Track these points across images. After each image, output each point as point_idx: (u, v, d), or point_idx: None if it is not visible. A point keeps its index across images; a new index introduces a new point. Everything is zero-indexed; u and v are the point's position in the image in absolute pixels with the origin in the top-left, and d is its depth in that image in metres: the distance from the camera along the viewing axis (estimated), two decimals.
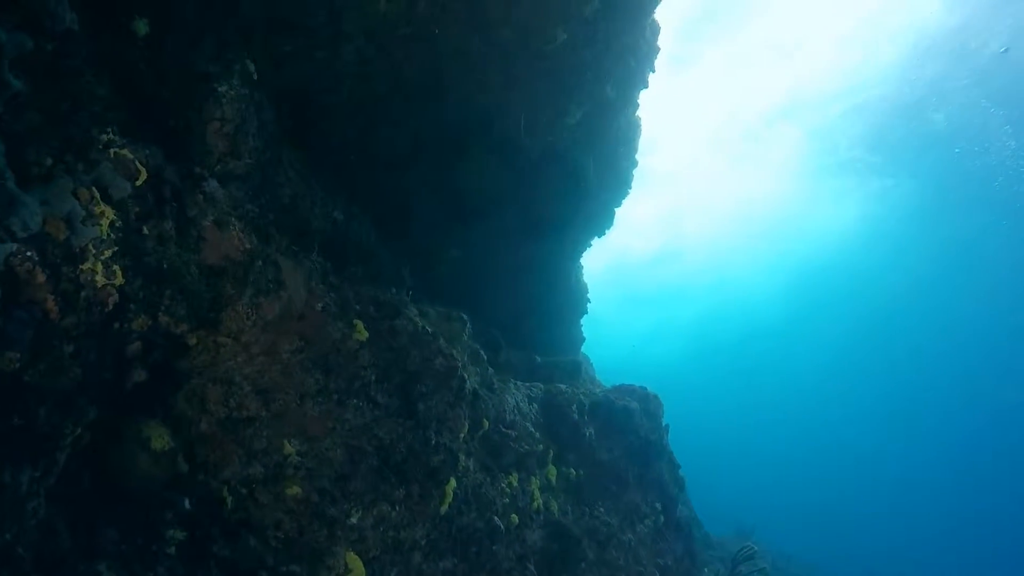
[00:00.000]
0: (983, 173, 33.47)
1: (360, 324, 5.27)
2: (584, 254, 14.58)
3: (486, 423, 6.90)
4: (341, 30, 6.39)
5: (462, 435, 6.16)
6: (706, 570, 16.92)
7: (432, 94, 7.75)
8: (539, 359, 11.63)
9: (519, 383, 8.79)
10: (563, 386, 9.54)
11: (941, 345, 54.24)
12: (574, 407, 9.20)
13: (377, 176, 7.95)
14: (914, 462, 67.35)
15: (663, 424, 11.53)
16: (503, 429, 7.45)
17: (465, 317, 6.67)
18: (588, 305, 17.02)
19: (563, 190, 10.97)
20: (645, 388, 11.55)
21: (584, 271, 16.15)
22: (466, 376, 6.22)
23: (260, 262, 4.32)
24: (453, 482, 5.91)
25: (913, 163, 34.79)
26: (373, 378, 5.36)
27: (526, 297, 12.69)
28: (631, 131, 11.47)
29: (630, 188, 12.91)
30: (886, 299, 51.16)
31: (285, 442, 4.85)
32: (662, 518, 11.12)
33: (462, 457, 6.26)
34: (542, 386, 9.16)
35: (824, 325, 57.51)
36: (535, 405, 8.70)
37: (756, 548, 13.32)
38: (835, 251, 46.55)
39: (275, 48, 6.19)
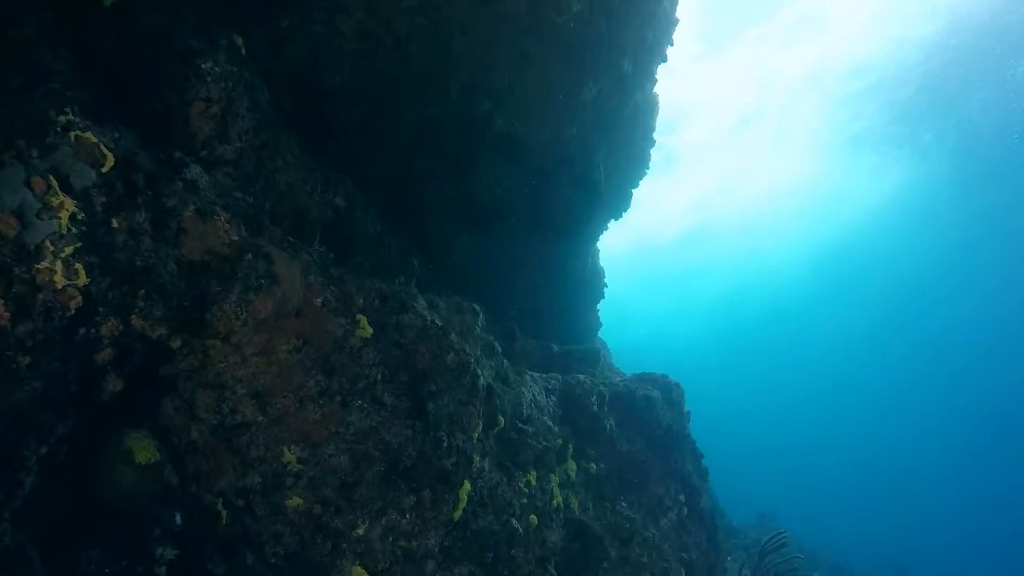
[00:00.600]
0: (1013, 149, 32.38)
1: (364, 319, 4.88)
2: (602, 236, 14.11)
3: (502, 420, 6.52)
4: (340, 1, 5.96)
5: (476, 434, 5.79)
6: (729, 559, 16.59)
7: (438, 73, 7.30)
8: (556, 348, 11.23)
9: (536, 375, 8.39)
10: (581, 376, 9.13)
11: (971, 325, 52.78)
12: (593, 398, 8.80)
13: (383, 162, 7.54)
14: (943, 447, 65.74)
15: (685, 412, 11.10)
16: (520, 425, 7.07)
17: (477, 308, 6.27)
18: (605, 290, 16.61)
19: (577, 197, 10.55)
20: (666, 376, 11.12)
21: (606, 253, 15.69)
22: (479, 372, 5.83)
23: (250, 255, 3.93)
24: (467, 485, 5.54)
25: (943, 139, 33.70)
26: (379, 377, 4.98)
27: (541, 285, 12.28)
28: (648, 108, 10.94)
29: (647, 168, 12.40)
30: (913, 278, 49.96)
31: (284, 449, 4.50)
32: (685, 510, 10.74)
33: (476, 458, 5.89)
34: (560, 377, 8.76)
35: (850, 304, 56.29)
36: (553, 397, 8.31)
37: (787, 536, 12.91)
38: (863, 229, 45.47)
39: (269, 23, 5.78)
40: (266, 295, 4.07)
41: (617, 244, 42.02)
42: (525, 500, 6.59)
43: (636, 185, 12.55)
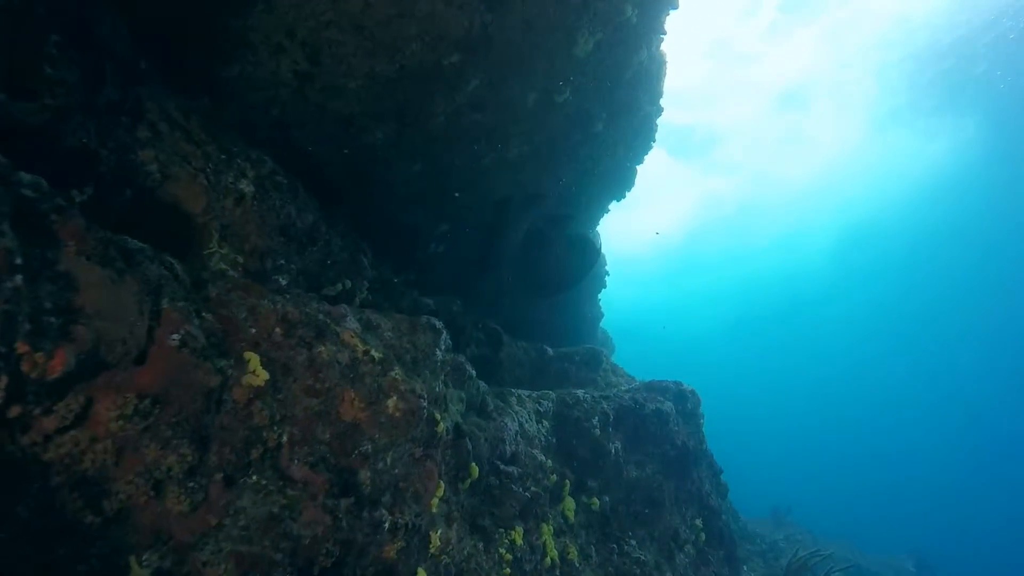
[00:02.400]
0: None
1: (255, 359, 3.33)
2: (603, 219, 12.53)
3: (476, 469, 5.00)
4: None
5: (437, 499, 4.27)
6: (745, 568, 15.21)
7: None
8: (550, 351, 9.70)
9: (524, 394, 6.86)
10: (580, 393, 7.60)
11: (998, 319, 50.59)
12: (595, 420, 7.27)
13: (315, 114, 5.95)
14: (968, 442, 63.59)
15: (701, 424, 9.60)
16: (502, 467, 5.55)
17: (438, 324, 4.71)
18: (607, 278, 15.07)
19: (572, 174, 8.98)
20: (680, 383, 9.59)
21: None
22: (438, 415, 4.30)
23: (20, 279, 2.37)
24: (422, 574, 4.03)
25: (985, 114, 31.63)
26: (284, 439, 3.45)
27: (533, 277, 10.72)
28: (655, 68, 9.28)
29: (654, 141, 10.77)
30: (940, 266, 47.65)
31: (132, 562, 2.98)
32: (703, 536, 9.28)
33: (439, 529, 4.38)
34: (553, 396, 7.23)
35: (871, 294, 53.89)
36: (545, 423, 6.78)
37: (825, 553, 11.50)
38: (888, 215, 43.22)
39: None
40: (63, 343, 2.52)
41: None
42: (509, 570, 5.09)
43: (640, 161, 10.94)
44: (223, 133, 4.63)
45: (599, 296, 15.85)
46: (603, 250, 14.46)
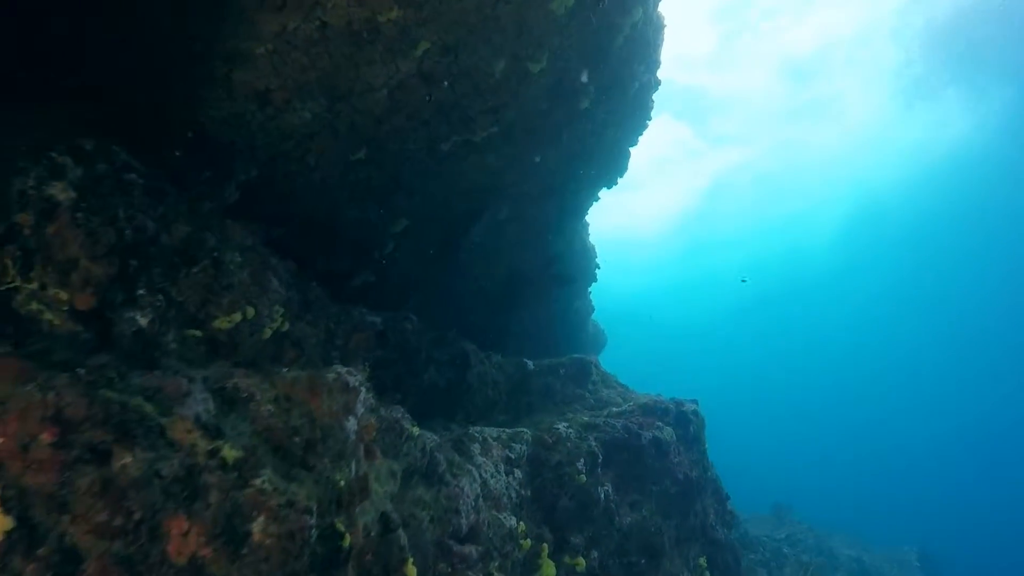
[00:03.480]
0: None
1: None
2: (591, 209, 11.14)
3: (412, 571, 3.69)
4: None
5: None
6: None
7: None
8: (531, 365, 8.38)
9: (491, 436, 5.54)
10: (562, 427, 6.31)
11: (1016, 308, 48.65)
12: (580, 463, 5.98)
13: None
14: (977, 435, 61.74)
15: (705, 450, 8.34)
16: (455, 549, 4.25)
17: (352, 381, 3.35)
18: (597, 272, 13.71)
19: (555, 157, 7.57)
20: (681, 403, 8.30)
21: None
22: (342, 524, 2.97)
23: None
24: None
25: (1015, 87, 29.89)
26: None
27: (510, 279, 9.39)
28: (652, 32, 7.86)
29: (649, 119, 9.36)
30: (952, 249, 45.63)
31: None
32: (707, 575, 8.07)
33: None
34: (528, 436, 5.91)
35: (878, 277, 51.89)
36: (517, 472, 5.47)
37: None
38: (898, 194, 41.31)
39: None
40: None
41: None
42: None
43: (634, 142, 9.55)
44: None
45: (589, 289, 14.54)
46: (597, 234, 13.13)
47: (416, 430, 4.16)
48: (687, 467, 7.66)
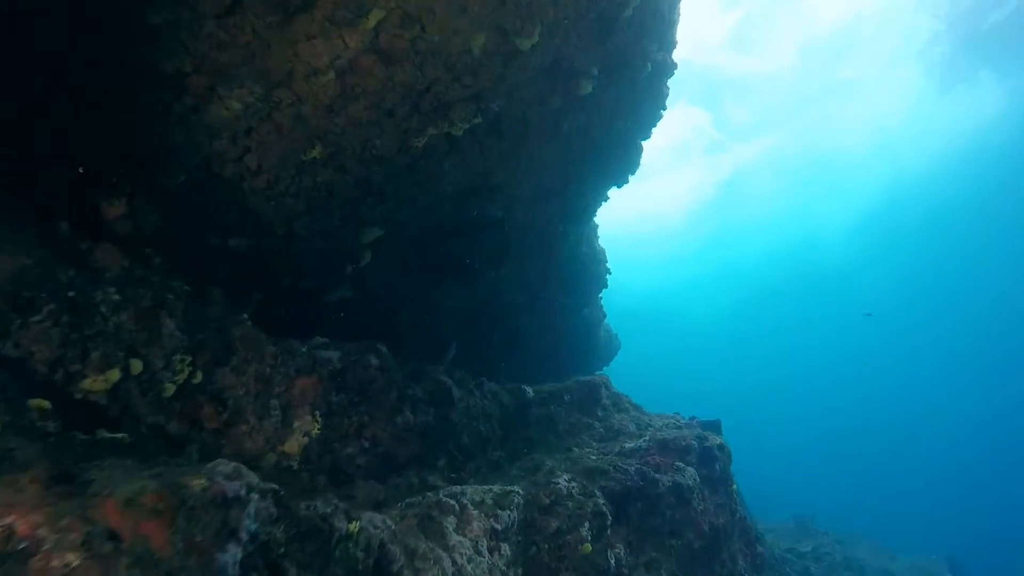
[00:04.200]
0: None
1: None
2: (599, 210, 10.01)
3: None
4: None
5: None
6: None
7: None
8: (530, 392, 7.30)
9: (470, 500, 4.45)
10: (562, 481, 5.22)
11: None
12: (584, 527, 4.89)
13: None
14: (1009, 440, 58.75)
15: (734, 489, 7.20)
16: None
17: (236, 489, 2.29)
18: (608, 277, 12.60)
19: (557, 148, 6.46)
20: (705, 435, 7.16)
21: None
22: None
23: None
24: None
25: None
26: None
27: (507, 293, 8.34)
28: (666, 6, 6.70)
29: (664, 108, 8.21)
30: (981, 238, 43.40)
31: None
32: None
33: None
34: (519, 496, 4.82)
35: (900, 267, 49.61)
36: (505, 548, 4.39)
37: None
38: (921, 179, 39.27)
39: None
40: None
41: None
42: None
43: (647, 135, 8.41)
44: None
45: (600, 296, 13.43)
46: (606, 229, 11.99)
47: (355, 525, 3.09)
48: (712, 514, 6.54)
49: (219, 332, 3.82)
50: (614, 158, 8.16)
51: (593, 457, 6.47)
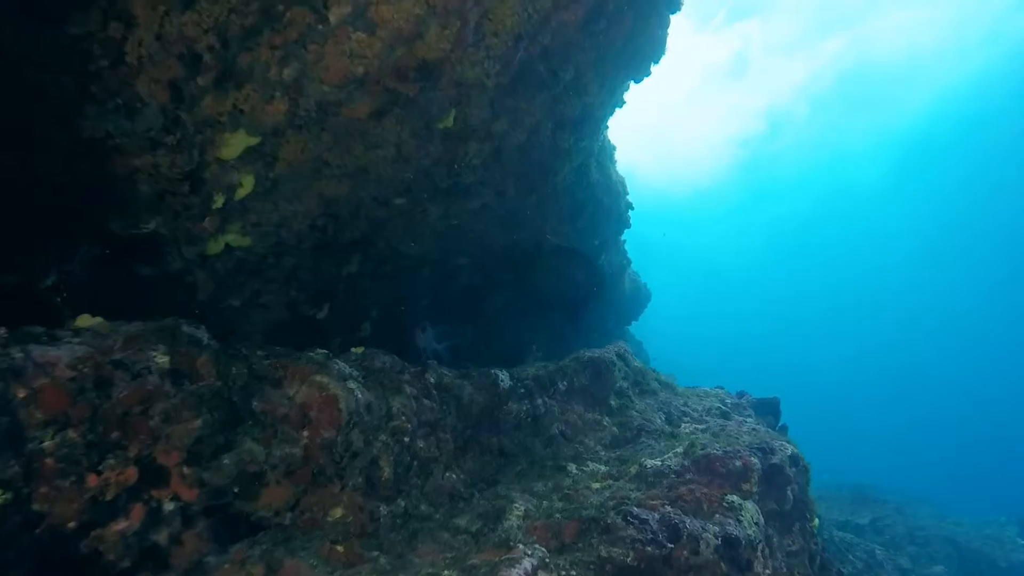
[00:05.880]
0: None
1: None
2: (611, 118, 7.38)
3: None
4: None
5: None
6: None
7: None
8: (505, 379, 4.97)
9: None
10: (523, 566, 2.88)
11: None
12: None
13: None
14: None
15: (813, 521, 4.77)
16: None
17: None
18: (630, 213, 10.08)
19: None
20: (770, 448, 4.64)
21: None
22: None
23: None
24: None
25: None
26: None
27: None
28: None
29: None
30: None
31: None
32: None
33: None
34: None
35: (938, 198, 45.24)
36: None
37: None
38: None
39: None
40: None
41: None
42: None
43: (666, 21, 5.74)
44: None
45: (623, 238, 10.93)
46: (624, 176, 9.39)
47: None
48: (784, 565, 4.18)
49: None
50: (627, 33, 5.54)
51: (595, 486, 4.16)
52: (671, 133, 40.15)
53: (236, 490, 3.03)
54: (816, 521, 4.55)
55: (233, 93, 3.63)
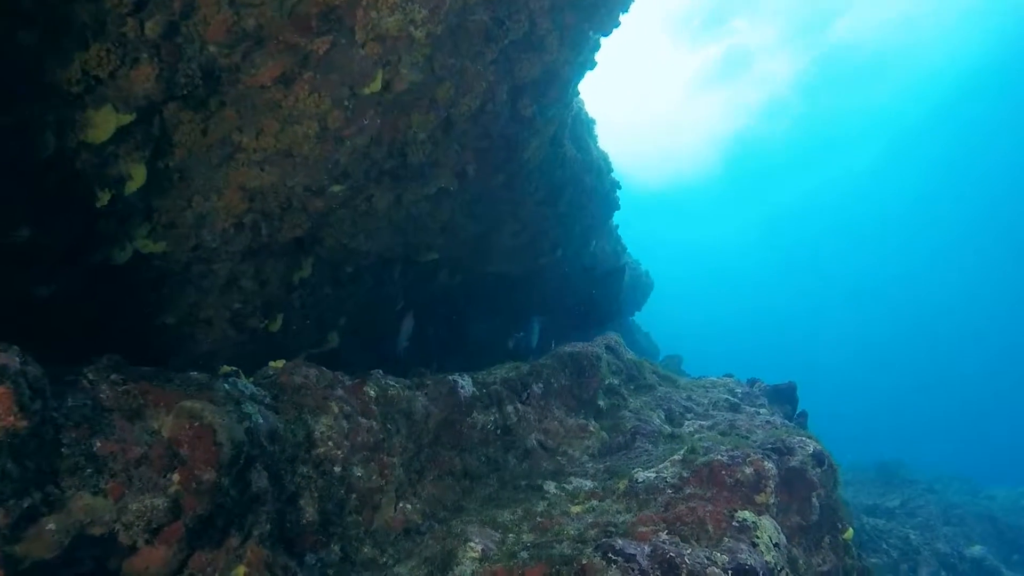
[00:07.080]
0: None
1: None
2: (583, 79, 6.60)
3: None
4: None
5: None
6: None
7: None
8: (466, 386, 4.20)
9: None
10: None
11: None
12: None
13: None
14: None
15: (851, 528, 3.98)
16: None
17: None
18: (618, 192, 9.32)
19: None
20: (789, 447, 3.75)
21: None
22: None
23: None
24: None
25: None
26: None
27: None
28: None
29: None
30: None
31: None
32: None
33: None
34: None
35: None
36: None
37: None
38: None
39: None
40: None
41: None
42: None
43: None
44: None
45: (614, 222, 10.16)
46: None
47: None
48: None
49: None
50: None
51: (575, 510, 3.41)
52: (668, 134, 39.71)
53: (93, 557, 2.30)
54: (850, 532, 3.76)
55: (77, 54, 2.89)
